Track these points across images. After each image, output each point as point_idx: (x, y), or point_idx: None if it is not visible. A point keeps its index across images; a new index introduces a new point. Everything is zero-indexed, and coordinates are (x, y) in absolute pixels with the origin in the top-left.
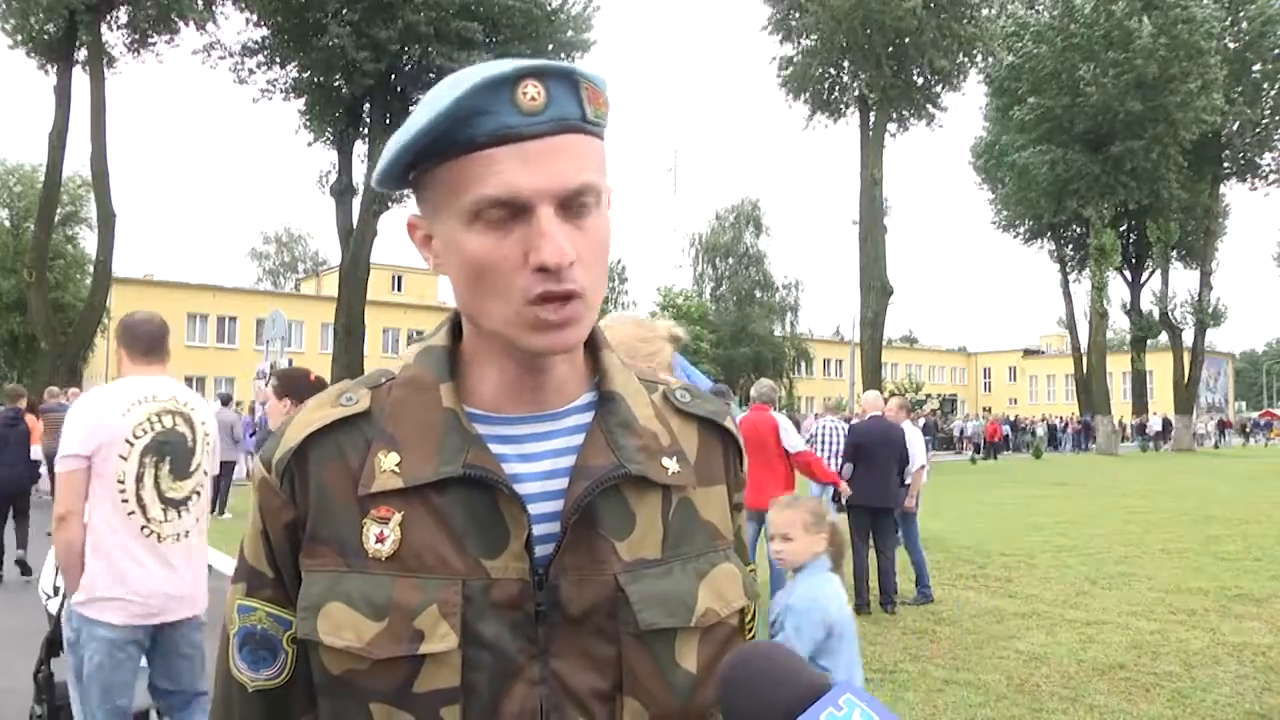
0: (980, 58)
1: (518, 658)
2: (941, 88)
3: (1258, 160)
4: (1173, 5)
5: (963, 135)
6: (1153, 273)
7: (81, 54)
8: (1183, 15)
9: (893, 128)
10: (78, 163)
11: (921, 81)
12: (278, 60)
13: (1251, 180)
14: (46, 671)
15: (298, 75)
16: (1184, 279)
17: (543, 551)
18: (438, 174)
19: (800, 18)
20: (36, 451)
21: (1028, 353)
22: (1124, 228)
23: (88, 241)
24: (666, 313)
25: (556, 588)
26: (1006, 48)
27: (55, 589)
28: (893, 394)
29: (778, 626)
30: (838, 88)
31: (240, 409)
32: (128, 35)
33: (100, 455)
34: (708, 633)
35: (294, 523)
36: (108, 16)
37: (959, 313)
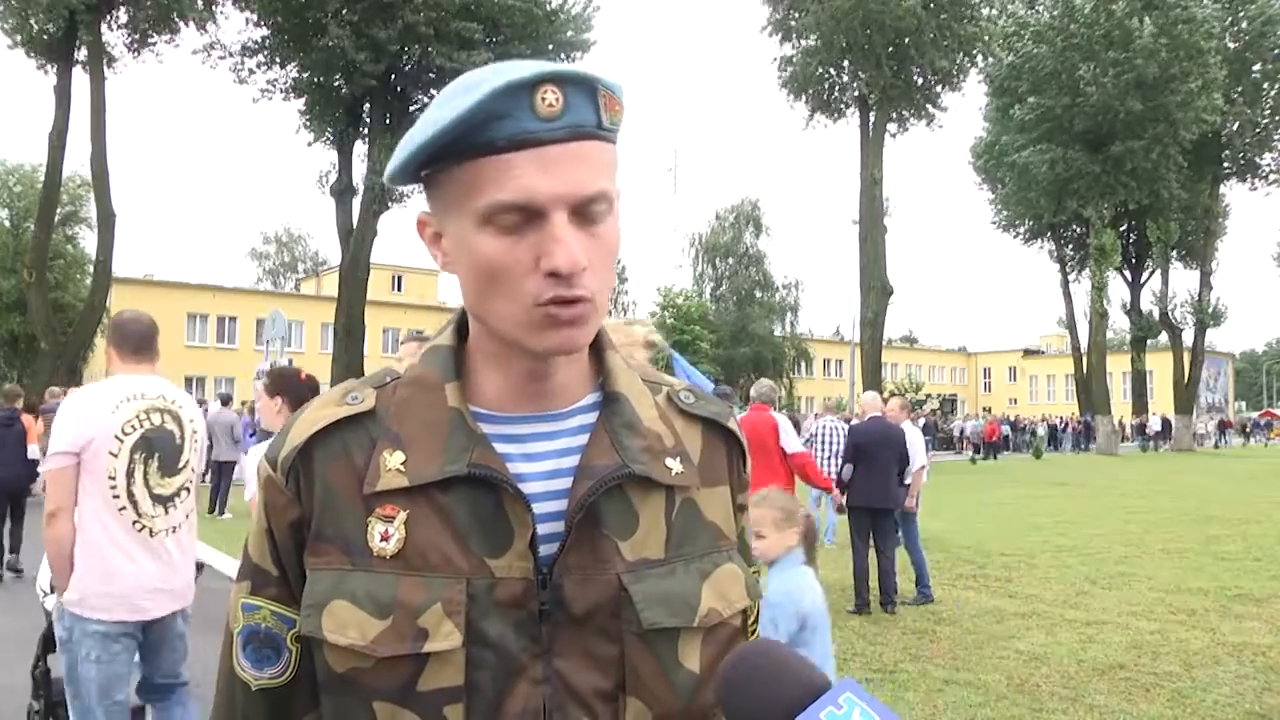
0: (980, 58)
1: (521, 657)
2: (941, 88)
3: (1258, 160)
4: (1173, 5)
5: (963, 135)
6: (1153, 273)
7: (81, 54)
8: (1183, 15)
9: (893, 128)
10: (78, 163)
11: (921, 81)
12: (278, 60)
13: (1251, 180)
14: (43, 668)
15: (298, 75)
16: (1184, 279)
17: (547, 551)
18: (452, 174)
19: (800, 18)
20: (34, 451)
21: (1028, 353)
22: (1124, 228)
23: (88, 241)
24: (666, 313)
25: (560, 587)
26: (1007, 48)
27: (52, 586)
28: (893, 394)
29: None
30: (838, 88)
31: (245, 409)
32: (128, 35)
33: (90, 451)
34: (710, 633)
35: (299, 521)
36: (108, 16)
37: (959, 313)
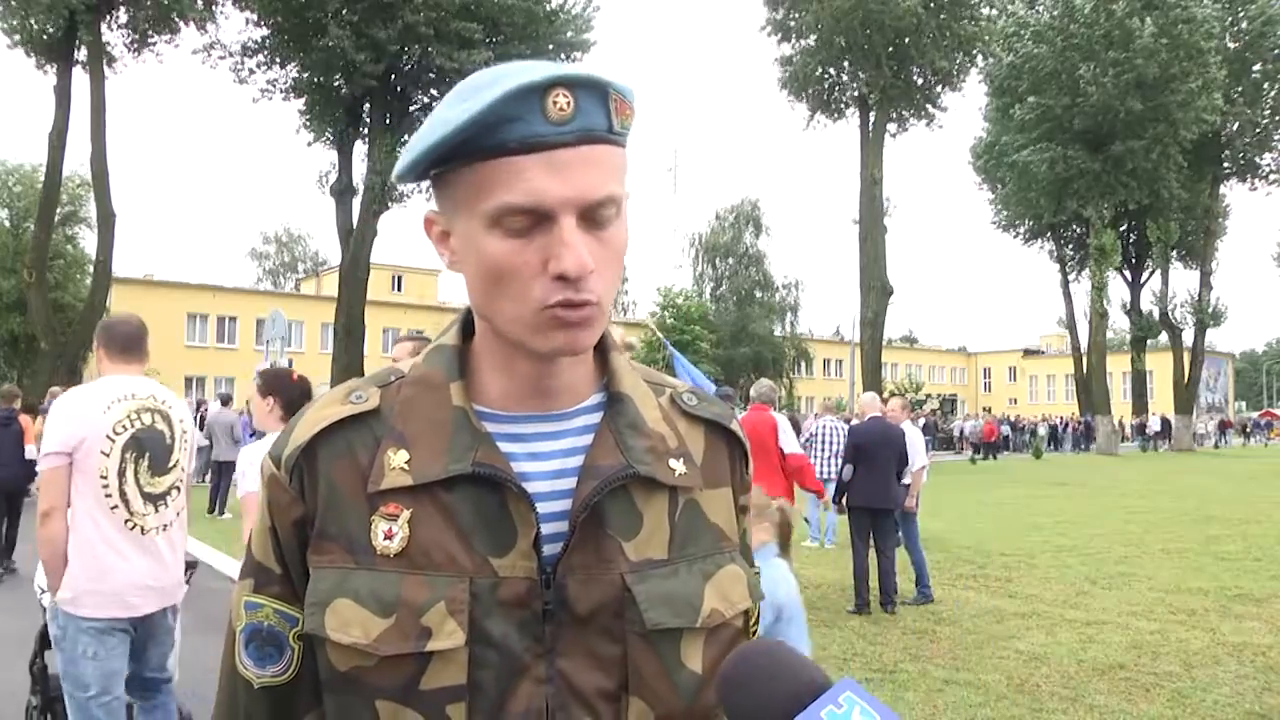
0: (980, 58)
1: (524, 656)
2: (941, 88)
3: (1258, 160)
4: (1173, 5)
5: (963, 135)
6: (1153, 273)
7: (81, 54)
8: (1183, 15)
9: (892, 128)
10: (77, 163)
11: (921, 81)
12: (278, 60)
13: (1251, 180)
14: (40, 664)
15: (298, 75)
16: (1184, 279)
17: (550, 550)
18: (461, 174)
19: (799, 18)
20: (31, 451)
21: (1028, 353)
22: (1124, 228)
23: (88, 241)
24: (666, 313)
25: (564, 587)
26: (1007, 48)
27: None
28: (893, 394)
29: None
30: (837, 88)
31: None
32: (128, 35)
33: (82, 451)
34: (713, 633)
35: (302, 519)
36: (108, 16)
37: (959, 313)
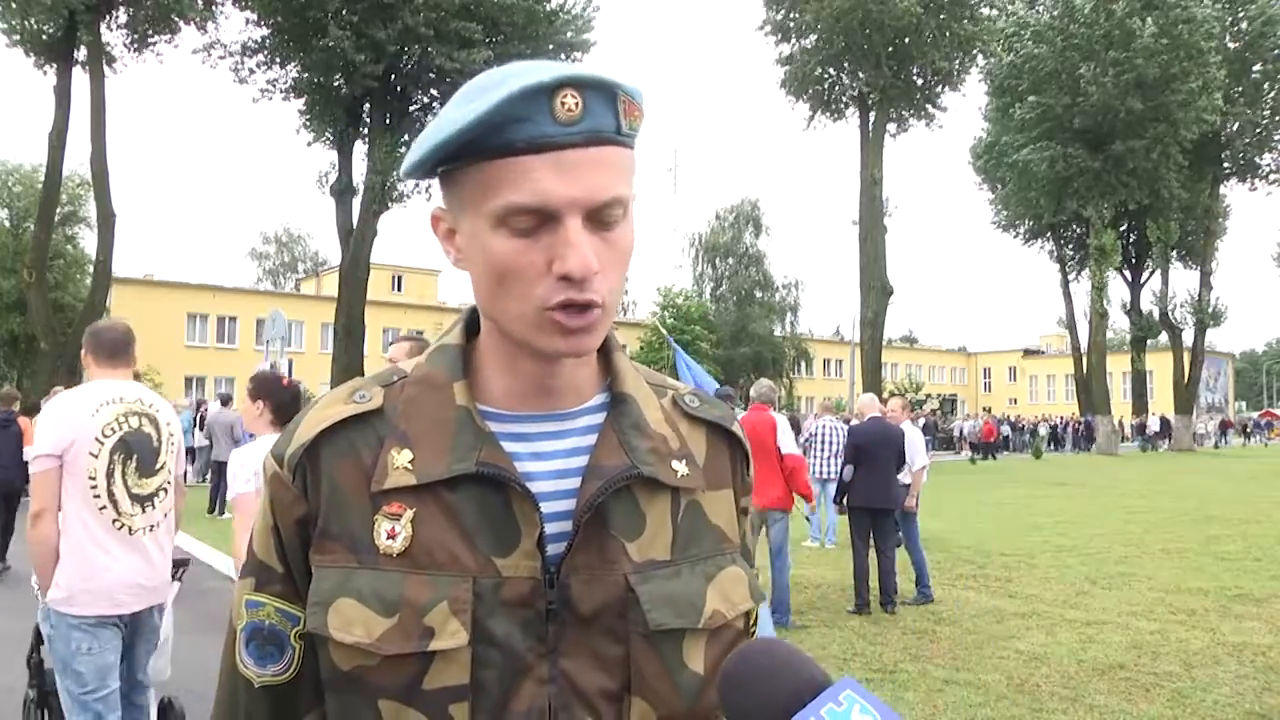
0: (980, 57)
1: (527, 656)
2: (941, 87)
3: (1258, 160)
4: (1173, 5)
5: (963, 135)
6: (1153, 273)
7: (81, 54)
8: (1183, 15)
9: (892, 128)
10: (77, 163)
11: (921, 81)
12: (278, 60)
13: (1251, 180)
14: (37, 658)
15: (298, 75)
16: (1184, 279)
17: (554, 550)
18: (468, 172)
19: (798, 18)
20: (29, 452)
21: (1028, 353)
22: (1124, 228)
23: (88, 241)
24: (666, 313)
25: (567, 586)
26: (1007, 48)
27: None
28: (893, 394)
29: None
30: (837, 87)
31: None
32: (127, 35)
33: (72, 453)
34: (715, 634)
35: (305, 518)
36: (107, 16)
37: (959, 313)
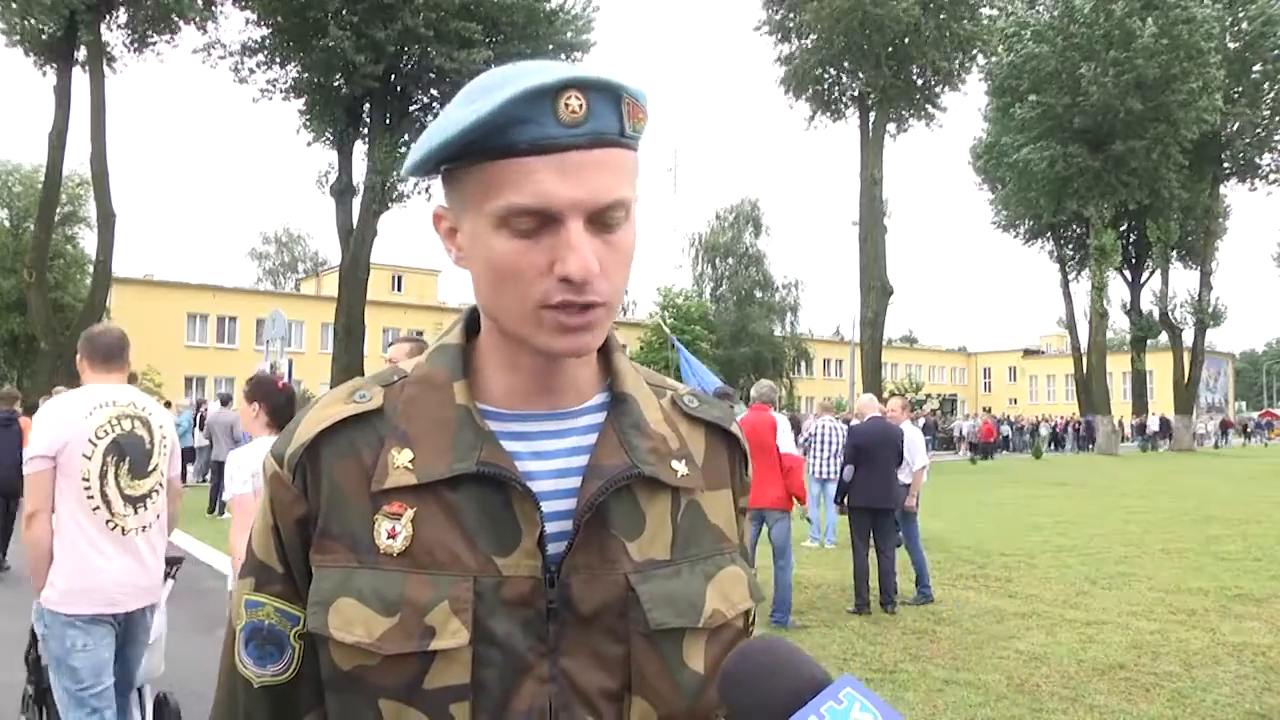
0: (980, 57)
1: (528, 655)
2: (941, 88)
3: (1258, 160)
4: (1173, 5)
5: (963, 135)
6: (1153, 273)
7: (81, 54)
8: (1183, 15)
9: (892, 128)
10: (77, 163)
11: (921, 81)
12: (278, 60)
13: (1251, 180)
14: (35, 654)
15: (298, 75)
16: (1184, 279)
17: (554, 550)
18: (471, 172)
19: (797, 19)
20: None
21: (1028, 353)
22: (1124, 228)
23: (88, 241)
24: (666, 313)
25: (568, 586)
26: (1007, 48)
27: None
28: (893, 394)
29: None
30: (837, 87)
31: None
32: (127, 35)
33: (66, 454)
34: (715, 634)
35: (305, 518)
36: (107, 16)
37: (959, 313)
